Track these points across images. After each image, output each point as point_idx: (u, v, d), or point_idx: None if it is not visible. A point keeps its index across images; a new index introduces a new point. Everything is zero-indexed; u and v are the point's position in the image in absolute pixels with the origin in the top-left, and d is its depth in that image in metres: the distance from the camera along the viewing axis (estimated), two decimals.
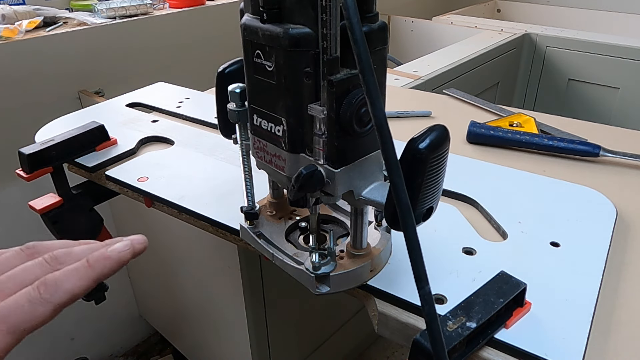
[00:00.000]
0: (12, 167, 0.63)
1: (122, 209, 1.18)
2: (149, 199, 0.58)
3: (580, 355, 0.36)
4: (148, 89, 0.89)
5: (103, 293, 0.77)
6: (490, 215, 0.52)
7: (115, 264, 0.35)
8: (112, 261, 0.35)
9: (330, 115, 0.34)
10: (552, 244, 0.47)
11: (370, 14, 0.35)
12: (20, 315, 0.31)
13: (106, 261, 0.35)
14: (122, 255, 0.35)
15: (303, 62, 0.34)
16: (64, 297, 0.32)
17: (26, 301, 0.31)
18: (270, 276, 0.90)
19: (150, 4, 1.23)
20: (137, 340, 1.47)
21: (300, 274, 0.42)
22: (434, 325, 0.29)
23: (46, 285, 0.32)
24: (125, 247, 0.36)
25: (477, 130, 0.70)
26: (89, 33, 1.11)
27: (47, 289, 0.32)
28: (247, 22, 0.37)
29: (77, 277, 0.33)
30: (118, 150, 0.66)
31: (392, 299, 0.41)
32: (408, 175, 0.31)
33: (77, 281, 0.33)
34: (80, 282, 0.33)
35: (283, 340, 1.04)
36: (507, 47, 1.47)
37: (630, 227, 0.52)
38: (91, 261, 0.34)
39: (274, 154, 0.40)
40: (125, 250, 0.36)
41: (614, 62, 1.42)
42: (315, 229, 0.44)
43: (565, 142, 0.66)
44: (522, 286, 0.38)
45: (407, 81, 1.12)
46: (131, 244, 0.36)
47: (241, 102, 0.42)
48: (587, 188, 0.56)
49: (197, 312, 1.12)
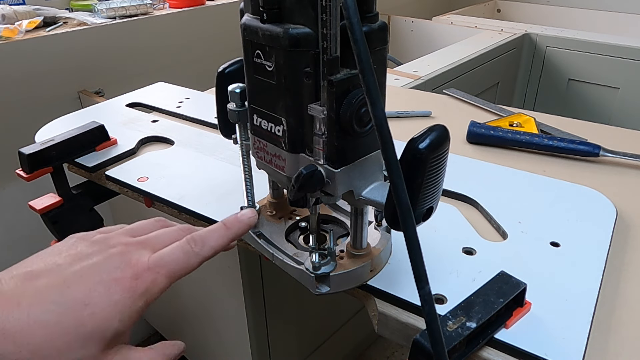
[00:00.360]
0: (12, 167, 0.63)
1: (122, 209, 1.18)
2: (149, 199, 0.58)
3: (580, 355, 0.36)
4: (148, 89, 0.89)
5: None
6: (490, 215, 0.52)
7: (245, 226, 0.41)
8: (244, 223, 0.41)
9: (330, 115, 0.34)
10: (552, 244, 0.47)
11: (370, 14, 0.35)
12: (177, 264, 0.36)
13: (240, 223, 0.40)
14: (251, 220, 0.41)
15: (303, 62, 0.34)
16: (210, 252, 0.38)
17: (181, 252, 0.36)
18: (270, 276, 0.90)
19: (150, 4, 1.23)
20: (137, 340, 1.47)
21: (300, 274, 0.42)
22: (434, 325, 0.29)
23: (195, 240, 0.37)
24: (252, 213, 0.42)
25: (477, 130, 0.70)
26: (89, 33, 1.11)
27: (197, 243, 0.37)
28: (247, 22, 0.37)
29: (218, 234, 0.39)
30: (118, 150, 0.66)
31: (392, 299, 0.41)
32: (408, 175, 0.31)
33: (218, 238, 0.38)
34: (221, 240, 0.39)
35: (283, 340, 1.04)
36: (507, 47, 1.47)
37: (630, 227, 0.52)
38: (227, 223, 0.40)
39: (274, 154, 0.40)
40: (252, 216, 0.41)
41: (614, 62, 1.42)
42: (315, 229, 0.44)
43: (565, 142, 0.66)
44: (522, 286, 0.38)
45: (407, 81, 1.12)
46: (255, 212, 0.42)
47: (241, 102, 0.42)
48: (587, 188, 0.56)
49: (197, 312, 1.12)
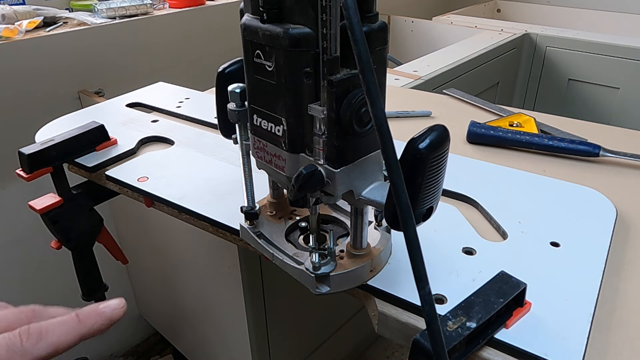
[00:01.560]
0: (12, 167, 0.63)
1: (122, 209, 1.18)
2: (149, 199, 0.58)
3: (580, 355, 0.35)
4: (148, 89, 0.89)
5: (103, 293, 0.77)
6: (490, 215, 0.52)
7: (106, 321, 0.33)
8: (104, 317, 0.33)
9: (330, 115, 0.34)
10: (552, 244, 0.47)
11: (370, 14, 0.35)
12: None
13: (98, 317, 0.32)
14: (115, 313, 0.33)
15: (303, 62, 0.34)
16: (46, 351, 0.30)
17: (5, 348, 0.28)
18: (270, 276, 0.90)
19: (150, 4, 1.23)
20: (137, 340, 1.47)
21: (300, 274, 0.42)
22: (434, 325, 0.29)
23: (29, 334, 0.29)
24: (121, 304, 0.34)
25: (477, 130, 0.70)
26: (89, 33, 1.11)
27: (30, 339, 0.29)
28: (247, 22, 0.37)
29: (63, 330, 0.31)
30: (118, 150, 0.66)
31: (392, 299, 0.41)
32: (408, 175, 0.31)
33: (63, 334, 0.30)
34: (66, 337, 0.31)
35: (283, 340, 1.04)
36: (507, 47, 1.47)
37: (630, 227, 0.52)
38: (81, 315, 0.32)
39: (274, 154, 0.40)
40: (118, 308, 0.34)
41: (614, 62, 1.42)
42: (315, 229, 0.44)
43: (565, 142, 0.66)
44: (522, 286, 0.38)
45: (407, 81, 1.12)
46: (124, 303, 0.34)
47: (241, 102, 0.42)
48: (587, 188, 0.56)
49: (197, 312, 1.12)
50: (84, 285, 0.73)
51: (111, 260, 0.78)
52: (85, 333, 0.32)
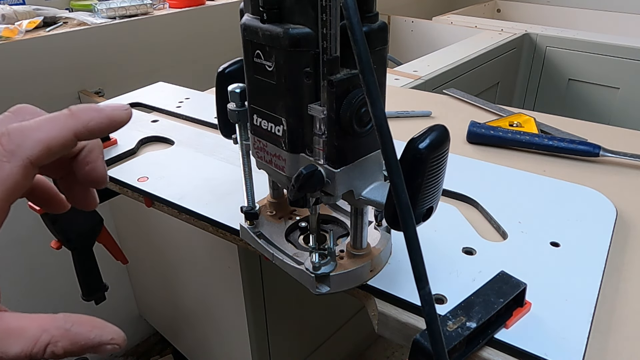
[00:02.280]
0: None
1: (122, 209, 1.18)
2: (149, 199, 0.58)
3: (580, 355, 0.36)
4: (148, 89, 0.89)
5: (103, 293, 0.77)
6: (490, 215, 0.52)
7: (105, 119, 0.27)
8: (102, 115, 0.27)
9: (330, 115, 0.34)
10: (552, 244, 0.47)
11: (370, 14, 0.35)
12: None
13: (94, 112, 0.27)
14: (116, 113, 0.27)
15: (303, 62, 0.34)
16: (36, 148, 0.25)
17: None
18: (270, 276, 0.90)
19: (150, 4, 1.23)
20: (137, 340, 1.47)
21: (300, 274, 0.42)
22: (434, 325, 0.29)
23: (9, 134, 0.24)
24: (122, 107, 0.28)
25: (477, 130, 0.70)
26: (89, 33, 1.11)
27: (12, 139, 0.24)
28: (247, 22, 0.37)
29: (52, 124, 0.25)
30: (118, 150, 0.66)
31: (392, 299, 0.41)
32: (408, 175, 0.31)
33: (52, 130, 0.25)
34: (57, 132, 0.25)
35: (283, 340, 1.04)
36: (507, 47, 1.47)
37: (630, 227, 0.52)
38: (74, 109, 0.26)
39: (274, 154, 0.40)
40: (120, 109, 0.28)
41: (614, 62, 1.42)
42: (315, 229, 0.44)
43: (565, 142, 0.66)
44: (522, 286, 0.38)
45: (407, 81, 1.12)
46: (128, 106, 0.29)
47: (241, 102, 0.42)
48: (587, 188, 0.56)
49: (197, 312, 1.12)
50: (84, 285, 0.73)
51: (111, 260, 0.78)
52: (80, 129, 0.26)
